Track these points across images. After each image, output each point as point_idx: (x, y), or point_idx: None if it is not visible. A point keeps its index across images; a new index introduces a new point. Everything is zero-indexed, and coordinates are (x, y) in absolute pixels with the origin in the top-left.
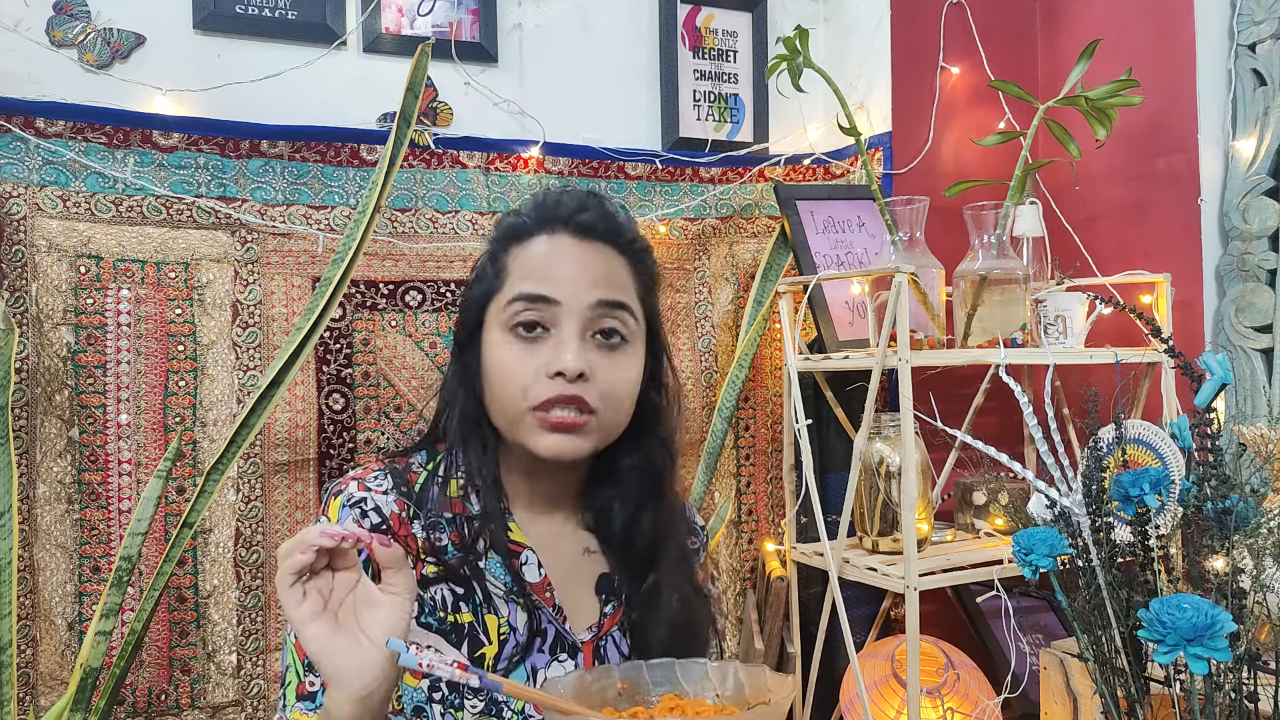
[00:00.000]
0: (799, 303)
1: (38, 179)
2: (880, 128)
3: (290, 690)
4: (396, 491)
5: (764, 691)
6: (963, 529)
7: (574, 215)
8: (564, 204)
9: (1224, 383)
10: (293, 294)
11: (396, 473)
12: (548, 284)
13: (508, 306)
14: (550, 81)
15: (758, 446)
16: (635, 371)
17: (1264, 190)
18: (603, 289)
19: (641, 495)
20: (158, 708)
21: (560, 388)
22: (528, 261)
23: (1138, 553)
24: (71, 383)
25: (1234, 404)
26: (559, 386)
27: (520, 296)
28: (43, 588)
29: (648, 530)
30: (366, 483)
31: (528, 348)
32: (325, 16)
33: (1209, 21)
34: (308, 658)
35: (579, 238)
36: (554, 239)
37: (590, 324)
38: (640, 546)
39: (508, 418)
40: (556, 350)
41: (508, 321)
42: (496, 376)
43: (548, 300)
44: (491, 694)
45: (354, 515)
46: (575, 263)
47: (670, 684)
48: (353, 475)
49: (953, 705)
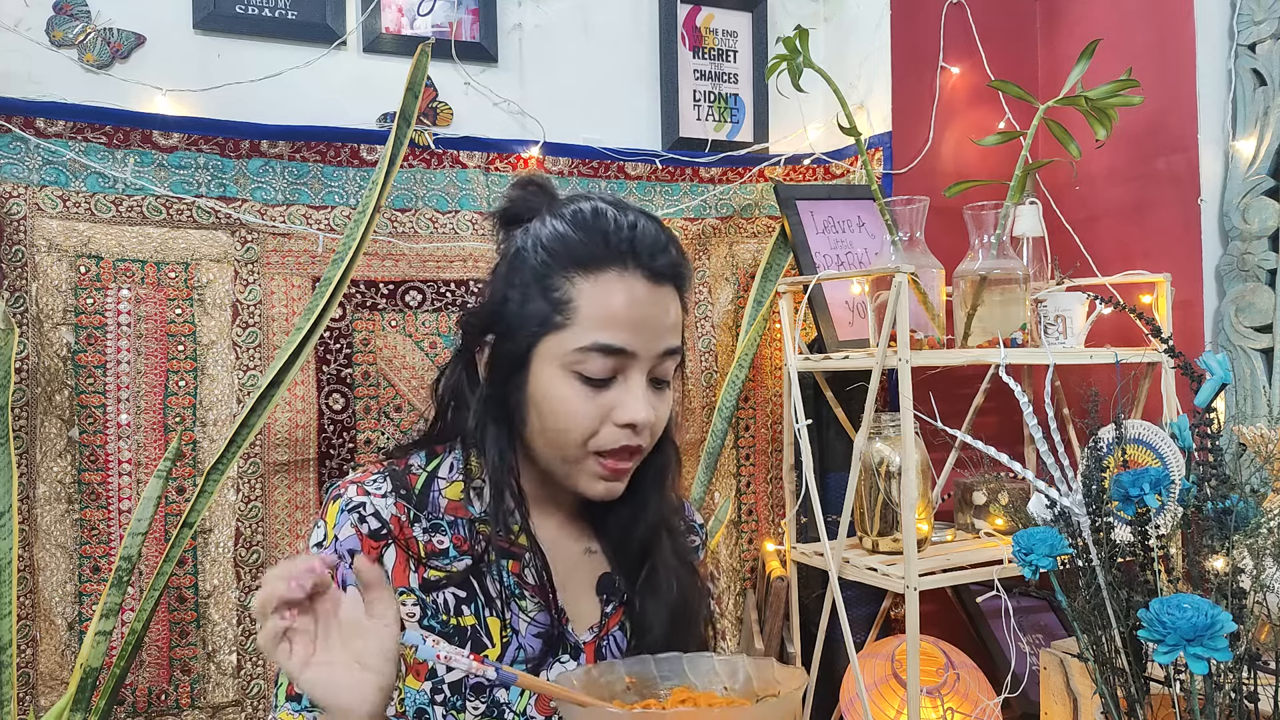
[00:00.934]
0: (799, 303)
1: (38, 179)
2: (880, 128)
3: (281, 690)
4: (396, 494)
5: (772, 684)
6: (963, 529)
7: (653, 258)
8: (640, 241)
9: (1224, 383)
10: (293, 294)
11: (396, 475)
12: (627, 337)
13: (580, 352)
14: (550, 81)
15: (758, 446)
16: (672, 402)
17: (1264, 190)
18: (670, 338)
19: (647, 493)
20: (158, 708)
21: (628, 438)
22: (604, 306)
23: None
24: (71, 383)
25: (1234, 404)
26: (627, 437)
27: (598, 347)
28: (43, 588)
29: (647, 523)
30: (365, 486)
31: (596, 393)
32: (325, 16)
33: (1209, 21)
34: None
35: (654, 283)
36: (628, 281)
37: (654, 371)
38: (638, 538)
39: (562, 456)
40: (627, 401)
41: (575, 365)
42: (558, 419)
43: (625, 353)
44: (493, 695)
45: (352, 520)
46: (651, 313)
47: (678, 678)
48: (351, 479)
49: (953, 705)
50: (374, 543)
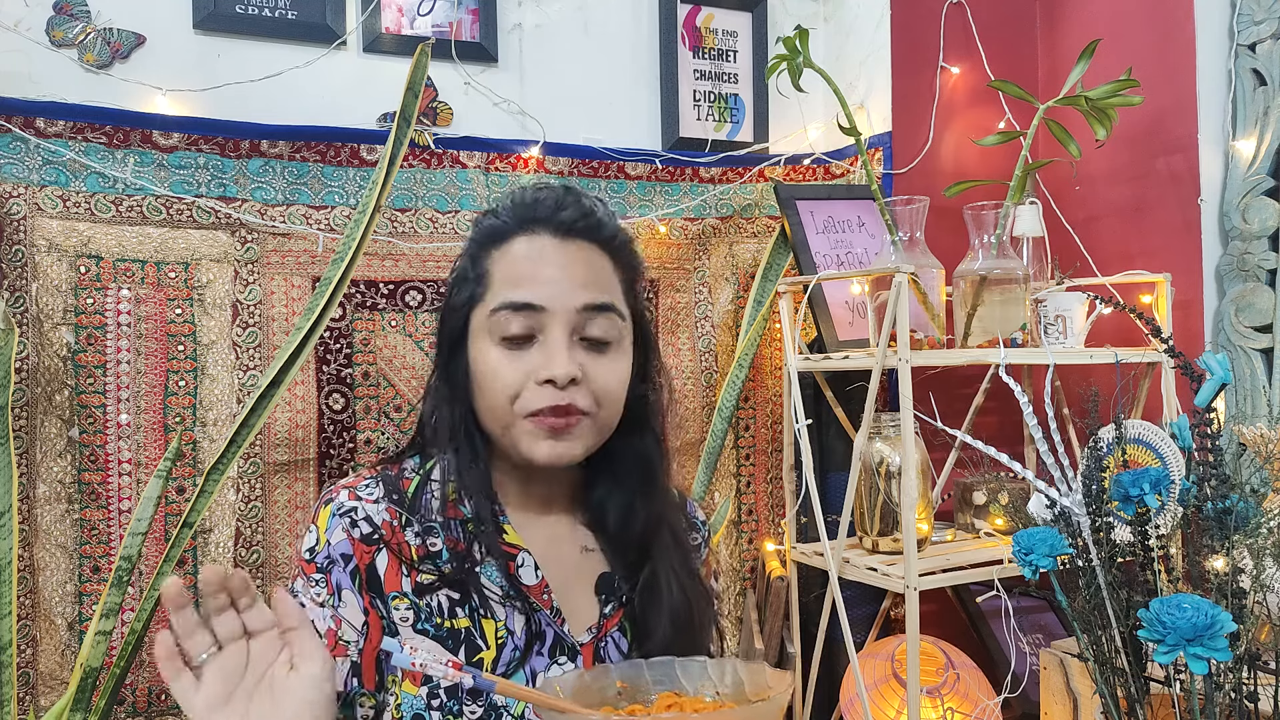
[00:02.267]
0: (799, 303)
1: (38, 179)
2: (880, 128)
3: None
4: (388, 499)
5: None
6: (963, 529)
7: (553, 214)
8: (542, 203)
9: (1224, 383)
10: (293, 294)
11: (389, 480)
12: (532, 291)
13: (493, 315)
14: (550, 81)
15: (758, 446)
16: (625, 370)
17: (1264, 190)
18: (589, 291)
19: (636, 489)
20: (158, 708)
21: (551, 396)
22: (510, 267)
23: (1138, 553)
24: (71, 383)
25: (1234, 404)
26: (550, 394)
27: (505, 305)
28: (43, 588)
29: (643, 522)
30: (358, 491)
31: (516, 354)
32: (325, 16)
33: (1209, 21)
34: None
35: (560, 238)
36: (534, 240)
37: (578, 328)
38: (635, 538)
39: (500, 425)
40: (546, 357)
41: (494, 330)
42: (486, 385)
43: (533, 308)
44: (491, 699)
45: (344, 524)
46: (558, 266)
47: (670, 682)
48: (344, 483)
49: (953, 705)
50: (366, 547)
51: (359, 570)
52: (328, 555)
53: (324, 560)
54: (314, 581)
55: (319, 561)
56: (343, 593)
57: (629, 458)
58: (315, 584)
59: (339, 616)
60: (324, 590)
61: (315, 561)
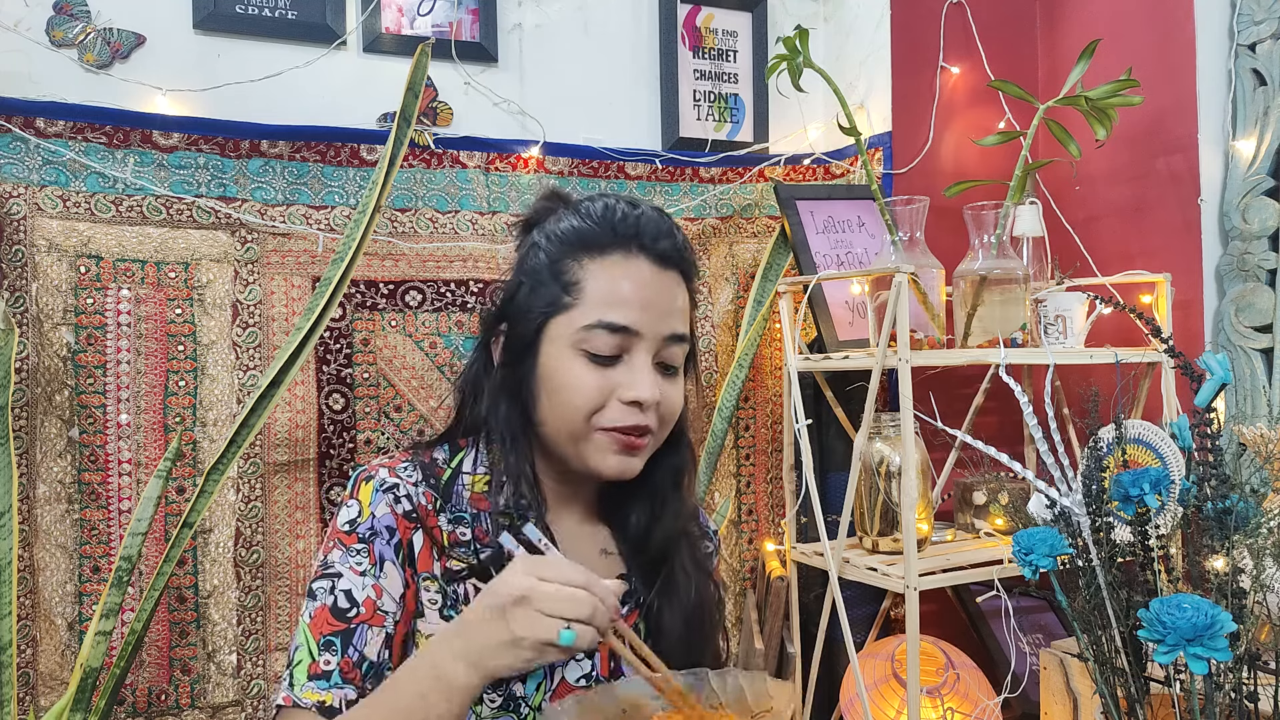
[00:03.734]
0: (799, 303)
1: (38, 179)
2: (880, 128)
3: (300, 669)
4: (425, 484)
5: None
6: (963, 529)
7: (655, 242)
8: (644, 226)
9: (1224, 383)
10: (293, 294)
11: (425, 465)
12: (631, 316)
13: (586, 330)
14: (550, 81)
15: (758, 446)
16: (683, 392)
17: (1264, 190)
18: (675, 322)
19: (664, 494)
20: (158, 708)
21: (635, 416)
22: (609, 286)
23: (1138, 553)
24: (71, 383)
25: (1234, 404)
26: (633, 415)
27: (603, 325)
28: (43, 588)
29: (666, 527)
30: (397, 471)
31: (601, 371)
32: (325, 16)
33: (1209, 21)
34: (324, 638)
35: (659, 266)
36: (633, 263)
37: (658, 353)
38: (657, 542)
39: (570, 434)
40: (632, 379)
41: (581, 343)
42: (565, 395)
43: (630, 331)
44: (510, 690)
45: (388, 499)
46: (655, 294)
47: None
48: (380, 462)
49: (953, 705)
50: (408, 523)
51: (402, 544)
52: (371, 527)
53: (366, 531)
54: (354, 552)
55: (360, 532)
56: (385, 564)
57: (663, 467)
58: (356, 554)
59: (379, 586)
60: (366, 560)
61: (357, 532)
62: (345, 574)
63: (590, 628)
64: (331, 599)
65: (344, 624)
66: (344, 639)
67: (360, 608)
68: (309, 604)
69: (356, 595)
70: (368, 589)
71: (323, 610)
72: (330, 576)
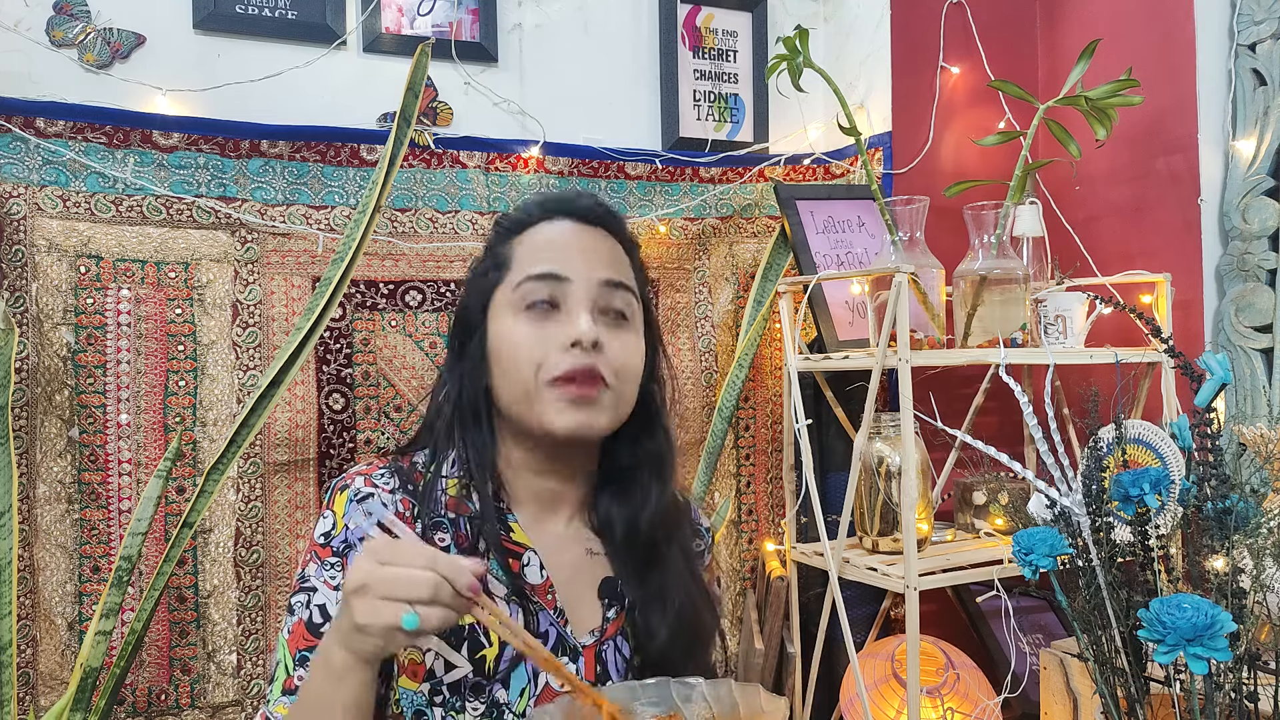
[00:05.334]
0: (799, 303)
1: (38, 179)
2: (880, 128)
3: (277, 685)
4: (402, 490)
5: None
6: (963, 529)
7: (574, 203)
8: (564, 195)
9: (1224, 383)
10: (293, 294)
11: (402, 471)
12: (558, 263)
13: (518, 288)
14: (550, 81)
15: (758, 446)
16: (639, 348)
17: (1264, 190)
18: (609, 269)
19: (644, 484)
20: (158, 708)
21: (577, 358)
22: (535, 246)
23: (1138, 553)
24: (71, 383)
25: (1234, 404)
26: (576, 357)
27: (531, 276)
28: (43, 588)
29: (652, 526)
30: (373, 479)
31: (540, 324)
32: (325, 16)
33: (1209, 21)
34: (299, 653)
35: (582, 223)
36: (558, 224)
37: (598, 302)
38: (644, 543)
39: (523, 395)
40: (570, 322)
41: (518, 302)
42: (509, 355)
43: (559, 278)
44: (493, 697)
45: (362, 510)
46: (581, 245)
47: (664, 704)
48: (357, 470)
49: (953, 705)
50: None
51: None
52: (345, 539)
53: (340, 544)
54: (329, 565)
55: (335, 545)
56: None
57: (639, 456)
58: (330, 567)
59: None
60: (340, 573)
61: (331, 545)
62: (320, 588)
63: (437, 607)
64: (307, 614)
65: (318, 639)
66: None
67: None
68: (287, 619)
69: (331, 610)
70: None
71: (299, 625)
72: (306, 591)
